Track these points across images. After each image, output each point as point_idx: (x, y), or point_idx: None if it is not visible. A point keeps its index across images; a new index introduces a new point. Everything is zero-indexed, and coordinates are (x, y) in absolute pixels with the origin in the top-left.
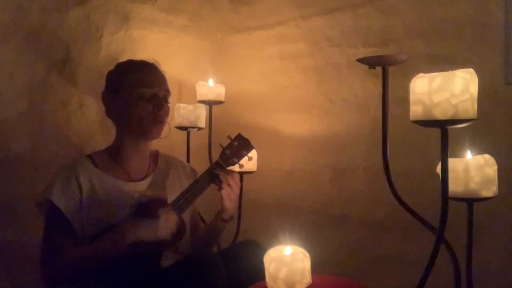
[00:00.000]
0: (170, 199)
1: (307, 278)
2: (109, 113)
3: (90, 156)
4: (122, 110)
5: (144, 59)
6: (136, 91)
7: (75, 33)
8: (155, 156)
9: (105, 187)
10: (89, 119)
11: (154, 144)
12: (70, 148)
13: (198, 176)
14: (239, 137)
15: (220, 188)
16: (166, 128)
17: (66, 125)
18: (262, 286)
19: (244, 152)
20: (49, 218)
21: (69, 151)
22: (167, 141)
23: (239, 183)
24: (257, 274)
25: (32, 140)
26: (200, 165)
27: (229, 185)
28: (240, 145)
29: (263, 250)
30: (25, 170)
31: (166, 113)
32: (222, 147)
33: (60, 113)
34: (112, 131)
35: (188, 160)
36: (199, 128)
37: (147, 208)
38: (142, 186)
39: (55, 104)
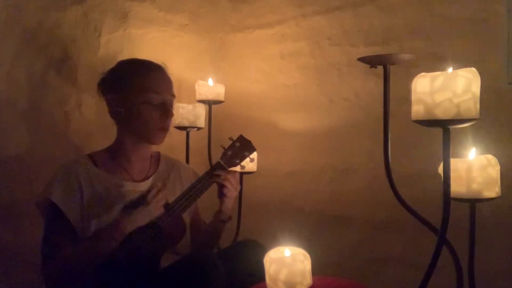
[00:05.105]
0: (170, 201)
1: (308, 280)
2: (113, 113)
3: (90, 156)
4: (128, 113)
5: (153, 61)
6: (144, 96)
7: (73, 32)
8: (157, 157)
9: (105, 187)
10: (87, 119)
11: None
12: (69, 148)
13: None
14: (241, 138)
15: (220, 187)
16: None
17: (64, 125)
18: (262, 287)
19: (246, 154)
20: (49, 218)
21: (68, 151)
22: (166, 141)
23: (239, 182)
24: (257, 274)
25: (30, 140)
26: (200, 165)
27: (230, 183)
28: (242, 146)
29: (263, 250)
30: (23, 170)
31: (171, 119)
32: (224, 148)
33: (58, 113)
34: (112, 131)
35: (187, 160)
36: (199, 128)
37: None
38: (143, 186)
39: (53, 103)
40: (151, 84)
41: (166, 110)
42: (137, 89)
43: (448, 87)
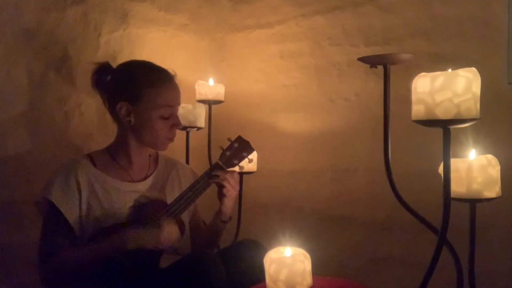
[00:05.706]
0: (169, 201)
1: (308, 280)
2: (120, 120)
3: (89, 156)
4: (138, 123)
5: (167, 70)
6: (159, 111)
7: (73, 32)
8: (155, 157)
9: (104, 187)
10: (87, 119)
11: None
12: (68, 148)
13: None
14: (240, 139)
15: (220, 187)
16: None
17: (64, 125)
18: (262, 287)
19: (245, 154)
20: (48, 218)
21: (67, 151)
22: None
23: (238, 181)
24: (257, 274)
25: (29, 140)
26: (200, 165)
27: (229, 183)
28: (240, 147)
29: (263, 250)
30: (23, 170)
31: None
32: (222, 149)
33: (58, 113)
34: (111, 131)
35: (187, 160)
36: (199, 128)
37: (146, 210)
38: (142, 187)
39: (53, 103)
40: (166, 98)
41: (176, 123)
42: (153, 104)
43: (449, 87)
